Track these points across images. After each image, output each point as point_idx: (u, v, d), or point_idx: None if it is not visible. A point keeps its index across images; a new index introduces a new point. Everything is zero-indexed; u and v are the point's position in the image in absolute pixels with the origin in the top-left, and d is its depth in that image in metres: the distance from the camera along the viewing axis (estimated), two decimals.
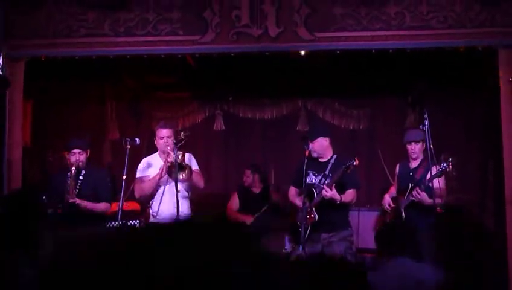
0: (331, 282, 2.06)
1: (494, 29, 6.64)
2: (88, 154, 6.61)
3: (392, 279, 2.75)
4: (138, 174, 6.65)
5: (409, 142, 6.60)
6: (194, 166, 6.58)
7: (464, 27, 6.66)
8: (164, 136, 6.45)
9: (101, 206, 6.52)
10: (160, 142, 6.50)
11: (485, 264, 2.42)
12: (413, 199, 6.30)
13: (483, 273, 2.45)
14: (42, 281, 1.55)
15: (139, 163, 8.30)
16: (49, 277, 1.50)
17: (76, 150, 6.50)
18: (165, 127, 6.57)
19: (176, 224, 1.87)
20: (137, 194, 6.73)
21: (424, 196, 6.22)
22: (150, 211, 6.63)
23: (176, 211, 6.12)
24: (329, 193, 6.01)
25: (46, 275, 1.52)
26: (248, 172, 8.38)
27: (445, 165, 5.99)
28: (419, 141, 6.52)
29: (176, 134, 6.46)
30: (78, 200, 6.33)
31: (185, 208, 6.36)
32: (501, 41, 6.64)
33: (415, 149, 6.54)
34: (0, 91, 6.77)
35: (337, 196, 6.05)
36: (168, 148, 6.33)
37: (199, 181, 6.55)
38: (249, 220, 8.06)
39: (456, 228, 2.52)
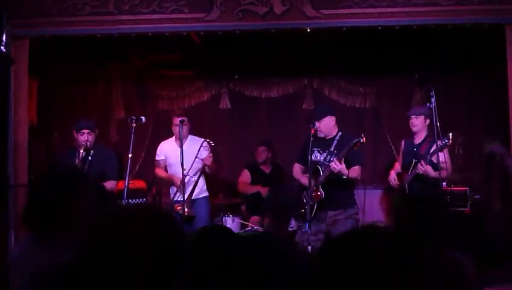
0: None
1: (501, 6, 6.59)
2: (96, 134, 6.66)
3: None
4: (156, 157, 7.30)
5: (410, 116, 6.74)
6: (209, 153, 7.02)
7: (471, 4, 6.61)
8: (178, 124, 6.84)
9: (107, 185, 6.58)
10: (175, 130, 6.94)
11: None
12: (418, 171, 6.34)
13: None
14: None
15: (144, 141, 8.35)
16: None
17: (85, 130, 6.54)
18: (178, 115, 6.99)
19: None
20: (155, 175, 7.43)
21: (428, 168, 6.25)
22: (171, 191, 7.20)
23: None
24: (339, 166, 6.03)
25: None
26: (263, 148, 8.36)
27: (446, 139, 6.03)
28: (419, 115, 6.65)
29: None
30: None
31: (204, 192, 7.16)
32: (508, 18, 6.59)
33: (415, 122, 6.67)
34: (3, 69, 6.74)
35: (346, 171, 6.09)
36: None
37: (214, 168, 7.21)
38: (263, 191, 8.01)
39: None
